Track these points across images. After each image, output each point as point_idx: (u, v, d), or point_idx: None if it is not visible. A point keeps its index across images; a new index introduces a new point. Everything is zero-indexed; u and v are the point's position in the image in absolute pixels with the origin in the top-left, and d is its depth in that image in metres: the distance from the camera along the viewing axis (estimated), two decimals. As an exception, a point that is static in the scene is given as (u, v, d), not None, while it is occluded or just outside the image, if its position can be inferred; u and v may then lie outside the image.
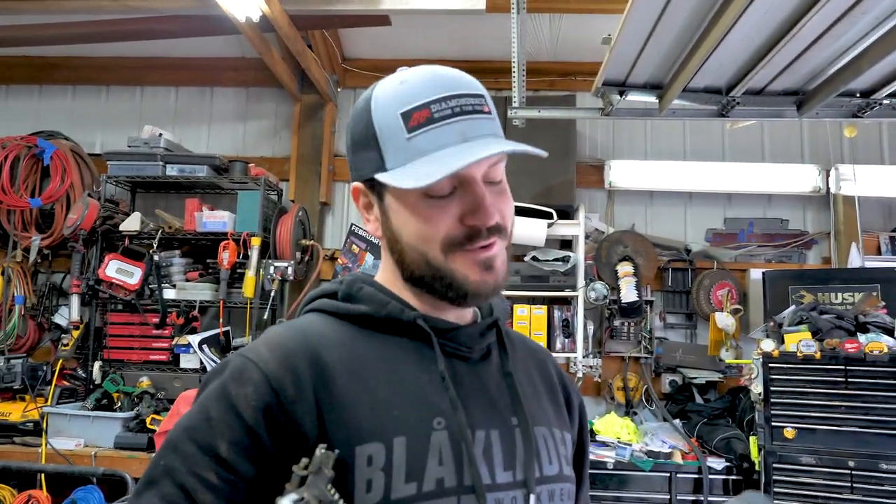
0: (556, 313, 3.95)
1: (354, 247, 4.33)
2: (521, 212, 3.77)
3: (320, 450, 0.72)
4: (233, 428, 0.77)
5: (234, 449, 0.76)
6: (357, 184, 0.91)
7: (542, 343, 3.40)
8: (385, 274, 0.94)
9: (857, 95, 2.81)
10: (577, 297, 3.87)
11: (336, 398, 0.80)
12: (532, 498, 0.85)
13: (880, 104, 2.78)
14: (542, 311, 3.90)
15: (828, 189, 4.20)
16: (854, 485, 2.90)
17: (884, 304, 3.36)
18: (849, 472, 2.91)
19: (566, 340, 3.94)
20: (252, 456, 0.77)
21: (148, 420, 3.50)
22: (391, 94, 0.86)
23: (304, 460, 0.72)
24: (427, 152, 0.82)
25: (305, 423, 0.78)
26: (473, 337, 0.92)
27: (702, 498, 3.27)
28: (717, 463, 3.35)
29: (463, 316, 0.94)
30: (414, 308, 0.90)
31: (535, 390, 0.98)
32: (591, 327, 3.98)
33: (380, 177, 0.85)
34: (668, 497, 3.31)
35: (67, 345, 3.90)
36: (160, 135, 4.11)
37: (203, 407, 0.80)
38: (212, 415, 0.78)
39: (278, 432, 0.78)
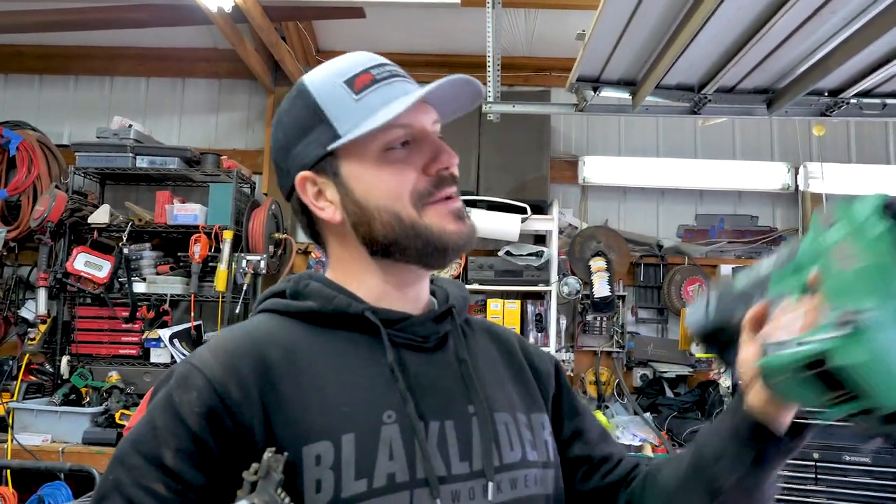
0: (530, 308, 3.97)
1: (328, 241, 4.31)
2: (495, 206, 3.78)
3: (268, 453, 0.71)
4: (177, 436, 0.75)
5: (180, 457, 0.74)
6: (303, 173, 0.88)
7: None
8: (336, 268, 0.93)
9: (826, 94, 2.85)
10: (550, 291, 3.89)
11: (283, 398, 0.78)
12: (490, 487, 0.82)
13: (848, 103, 2.83)
14: (515, 305, 3.92)
15: (797, 186, 4.27)
16: (818, 476, 2.96)
17: (849, 299, 3.42)
18: (813, 463, 2.97)
19: (539, 335, 3.96)
20: (199, 463, 0.74)
21: (117, 415, 3.46)
22: (324, 72, 0.89)
23: (255, 465, 0.70)
24: (379, 107, 0.83)
25: (253, 425, 0.76)
26: (426, 325, 0.90)
27: (671, 490, 3.31)
28: (687, 456, 3.39)
29: (418, 305, 0.93)
30: (362, 301, 0.87)
31: (496, 376, 0.95)
32: (563, 322, 4.01)
33: (338, 143, 0.84)
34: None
35: (34, 339, 3.83)
36: (130, 126, 4.05)
37: (150, 417, 0.78)
38: (157, 424, 0.76)
39: (225, 437, 0.76)
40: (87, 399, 3.63)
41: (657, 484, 0.94)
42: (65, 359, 3.82)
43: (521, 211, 3.85)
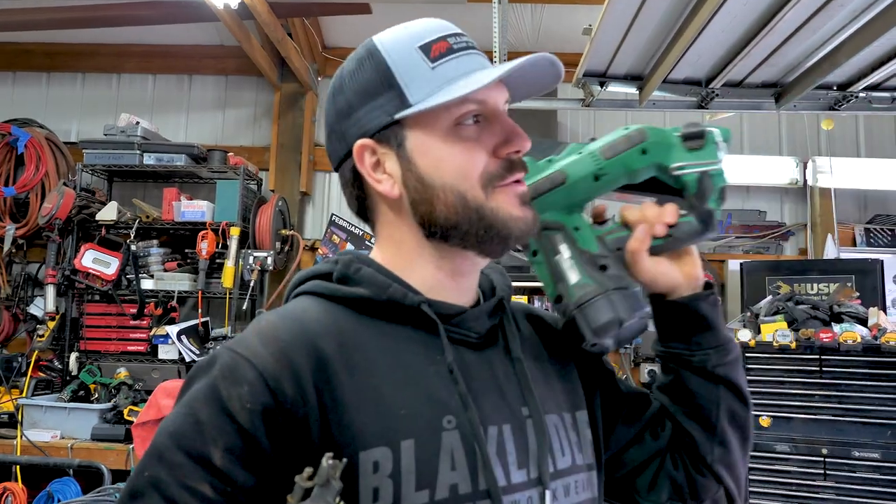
0: (537, 303, 3.97)
1: (335, 237, 4.31)
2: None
3: (327, 460, 0.65)
4: (226, 433, 0.68)
5: (229, 456, 0.68)
6: (363, 140, 0.81)
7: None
8: (386, 249, 0.85)
9: (834, 88, 2.84)
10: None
11: (339, 396, 0.72)
12: (548, 496, 0.79)
13: (856, 97, 2.81)
14: (522, 301, 3.92)
15: (805, 181, 4.25)
16: (827, 472, 2.95)
17: (858, 294, 3.41)
18: (822, 459, 2.96)
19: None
20: (250, 463, 0.68)
21: (125, 411, 3.47)
22: (399, 34, 0.83)
23: (308, 470, 0.64)
24: (455, 78, 0.78)
25: (307, 424, 0.70)
26: (481, 320, 0.85)
27: (679, 486, 3.31)
28: (695, 451, 3.39)
29: (469, 296, 0.87)
30: (417, 291, 0.81)
31: (543, 372, 0.90)
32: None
33: (408, 112, 0.78)
34: (646, 485, 3.34)
35: (43, 336, 3.85)
36: (137, 123, 4.06)
37: (191, 409, 0.70)
38: (201, 418, 0.69)
39: (278, 436, 0.70)
40: (96, 395, 3.65)
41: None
42: (73, 355, 3.84)
43: (528, 206, 3.84)
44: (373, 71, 0.81)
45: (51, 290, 3.89)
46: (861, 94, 2.81)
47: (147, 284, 3.88)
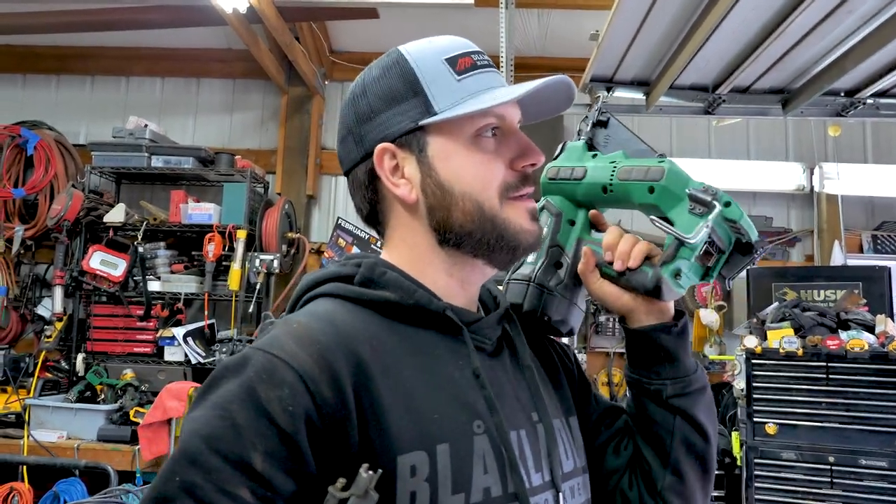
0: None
1: (341, 240, 4.32)
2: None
3: (364, 472, 0.64)
4: (266, 437, 0.66)
5: (270, 461, 0.65)
6: (385, 144, 0.82)
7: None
8: (400, 253, 0.86)
9: (842, 94, 2.83)
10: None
11: (376, 401, 0.72)
12: (561, 497, 0.82)
13: (864, 103, 2.81)
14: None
15: (812, 187, 4.24)
16: (834, 480, 2.93)
17: (865, 301, 3.39)
18: (829, 467, 2.94)
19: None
20: (290, 469, 0.67)
21: (132, 412, 3.48)
22: (426, 46, 0.85)
23: (342, 480, 0.64)
24: (478, 92, 0.81)
25: (346, 429, 0.69)
26: (493, 328, 0.87)
27: (684, 492, 3.30)
28: (700, 458, 3.37)
29: (475, 305, 0.89)
30: (439, 297, 0.82)
31: (542, 380, 0.93)
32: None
33: (434, 119, 0.80)
34: (651, 491, 3.33)
35: (50, 336, 3.87)
36: (146, 126, 4.09)
37: (225, 411, 0.67)
38: (239, 421, 0.66)
39: (318, 440, 0.68)
40: (102, 396, 3.66)
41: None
42: (80, 356, 3.86)
43: (534, 211, 3.84)
44: (399, 78, 0.83)
45: (58, 291, 3.91)
46: (869, 101, 2.81)
47: (154, 286, 3.90)
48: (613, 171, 0.91)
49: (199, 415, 0.68)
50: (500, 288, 0.97)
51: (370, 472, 0.64)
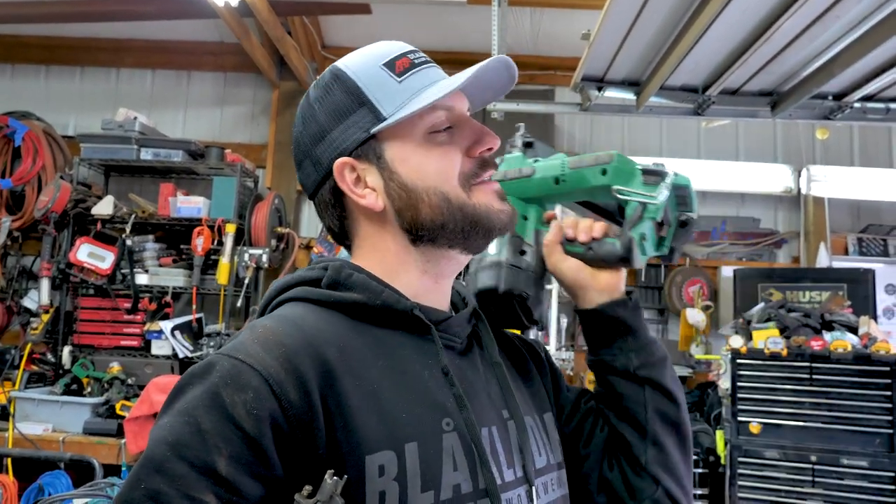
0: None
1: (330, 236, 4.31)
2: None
3: (329, 478, 0.66)
4: (231, 441, 0.66)
5: (235, 465, 0.65)
6: (342, 159, 0.83)
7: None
8: (370, 261, 0.87)
9: (830, 98, 2.86)
10: (550, 290, 3.90)
11: (343, 403, 0.72)
12: (534, 492, 0.83)
13: (851, 107, 2.84)
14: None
15: (799, 189, 4.27)
16: (815, 479, 2.97)
17: (849, 303, 3.43)
18: (811, 466, 2.98)
19: (539, 334, 3.96)
20: (257, 473, 0.66)
21: (118, 406, 3.47)
22: (360, 57, 0.86)
23: (308, 487, 0.65)
24: (422, 89, 0.82)
25: (313, 431, 0.70)
26: (463, 326, 0.88)
27: (668, 490, 3.33)
28: (685, 456, 3.40)
29: (447, 301, 0.90)
30: (407, 297, 0.83)
31: (513, 377, 0.93)
32: (564, 321, 4.02)
33: (384, 124, 0.81)
34: (636, 489, 3.35)
35: (37, 329, 3.85)
36: (135, 118, 4.06)
37: (190, 417, 0.67)
38: (204, 426, 0.66)
39: (284, 444, 0.68)
40: (89, 389, 3.65)
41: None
42: (67, 349, 3.84)
43: (524, 209, 3.85)
44: (342, 92, 0.84)
45: (45, 283, 3.89)
46: (856, 105, 2.83)
47: (142, 279, 3.88)
48: (563, 163, 0.96)
49: (166, 422, 0.68)
50: (465, 283, 0.99)
51: (335, 478, 0.65)
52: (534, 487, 0.83)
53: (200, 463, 0.65)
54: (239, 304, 3.88)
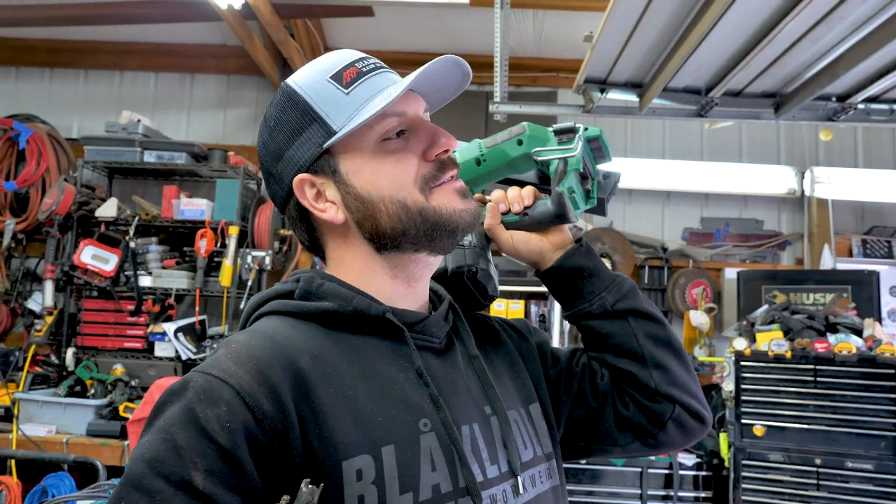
0: (533, 308, 3.98)
1: (333, 238, 4.31)
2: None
3: (305, 486, 0.67)
4: (206, 455, 0.67)
5: (211, 479, 0.66)
6: (300, 176, 0.85)
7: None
8: (344, 270, 0.88)
9: (833, 99, 2.85)
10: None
11: (318, 410, 0.73)
12: (520, 486, 0.83)
13: (855, 108, 2.83)
14: (519, 305, 3.92)
15: (802, 191, 4.26)
16: (820, 482, 2.96)
17: (854, 305, 3.42)
18: (815, 469, 2.97)
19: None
20: (233, 486, 0.67)
21: (121, 408, 3.48)
22: (308, 72, 0.86)
23: (285, 498, 0.67)
24: (370, 98, 0.82)
25: (288, 440, 0.71)
26: (440, 325, 0.88)
27: (672, 493, 3.32)
28: (688, 459, 3.40)
29: (424, 301, 0.91)
30: (380, 302, 0.84)
31: (496, 371, 0.94)
32: (566, 324, 4.01)
33: (334, 139, 0.82)
34: (640, 492, 3.35)
35: (40, 330, 3.86)
36: (139, 121, 4.07)
37: (167, 434, 0.68)
38: (179, 442, 0.67)
39: (260, 454, 0.70)
40: (92, 391, 3.65)
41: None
42: (70, 351, 3.84)
43: (527, 211, 3.84)
44: (293, 110, 0.85)
45: (49, 286, 3.90)
46: (860, 106, 2.82)
47: (145, 281, 3.88)
48: (480, 144, 1.00)
49: (145, 440, 0.70)
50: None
51: (311, 486, 0.67)
52: (520, 480, 0.84)
53: (177, 478, 0.66)
54: (242, 306, 3.88)
